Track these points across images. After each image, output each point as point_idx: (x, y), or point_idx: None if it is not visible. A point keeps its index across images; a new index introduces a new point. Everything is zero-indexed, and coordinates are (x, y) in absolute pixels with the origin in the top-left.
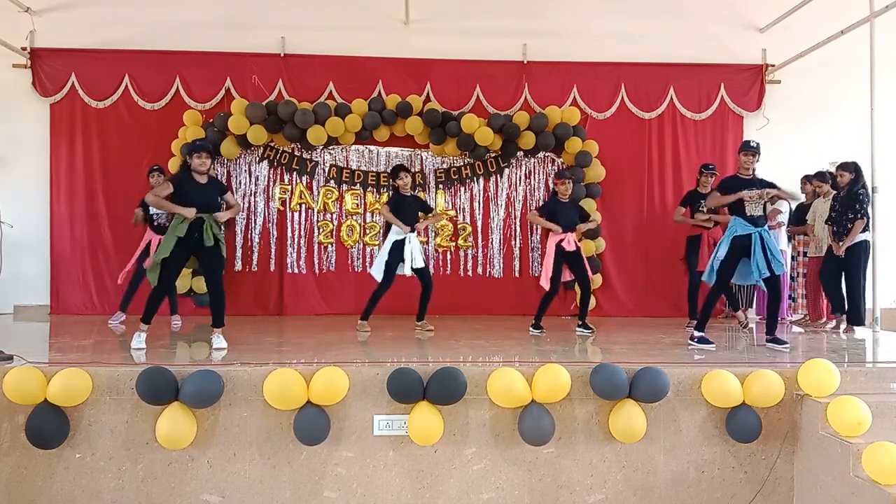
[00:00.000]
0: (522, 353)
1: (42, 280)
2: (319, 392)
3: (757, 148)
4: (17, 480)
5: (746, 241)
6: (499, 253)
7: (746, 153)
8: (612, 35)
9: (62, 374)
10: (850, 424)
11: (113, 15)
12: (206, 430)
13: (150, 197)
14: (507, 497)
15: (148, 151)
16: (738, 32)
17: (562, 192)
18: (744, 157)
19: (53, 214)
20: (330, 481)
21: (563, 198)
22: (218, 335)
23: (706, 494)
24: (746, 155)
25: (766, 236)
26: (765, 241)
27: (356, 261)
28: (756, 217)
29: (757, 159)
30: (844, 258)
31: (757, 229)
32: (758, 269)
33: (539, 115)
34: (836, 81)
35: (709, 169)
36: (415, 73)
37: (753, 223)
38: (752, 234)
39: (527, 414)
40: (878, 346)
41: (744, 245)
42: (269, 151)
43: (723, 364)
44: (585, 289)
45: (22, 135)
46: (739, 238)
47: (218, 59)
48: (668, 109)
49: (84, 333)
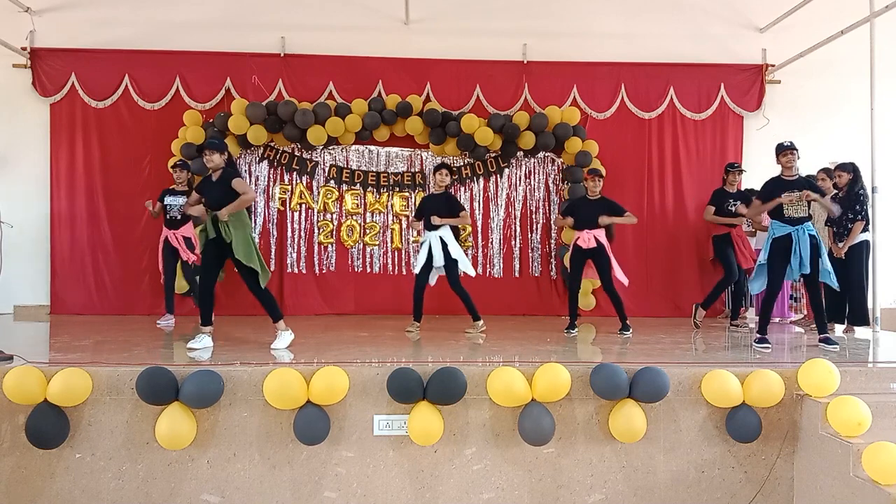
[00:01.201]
0: (522, 353)
1: (42, 280)
2: (319, 392)
3: (791, 146)
4: (17, 480)
5: (787, 241)
6: (499, 253)
7: (784, 153)
8: (612, 35)
9: (62, 374)
10: (850, 424)
11: (113, 15)
12: (206, 430)
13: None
14: (507, 497)
15: (148, 151)
16: (738, 32)
17: (590, 190)
18: (783, 159)
19: (53, 214)
20: (330, 481)
21: (592, 195)
22: (281, 333)
23: (706, 494)
24: (785, 155)
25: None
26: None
27: (356, 261)
28: (794, 219)
29: (797, 156)
30: (845, 259)
31: (794, 228)
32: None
33: (539, 115)
34: (836, 81)
35: (734, 167)
36: (415, 73)
37: (790, 223)
38: (791, 232)
39: (527, 414)
40: (878, 346)
41: (784, 246)
42: (269, 151)
43: (723, 364)
44: (607, 289)
45: (22, 135)
46: (779, 240)
47: (218, 59)
48: (668, 109)
49: (84, 333)
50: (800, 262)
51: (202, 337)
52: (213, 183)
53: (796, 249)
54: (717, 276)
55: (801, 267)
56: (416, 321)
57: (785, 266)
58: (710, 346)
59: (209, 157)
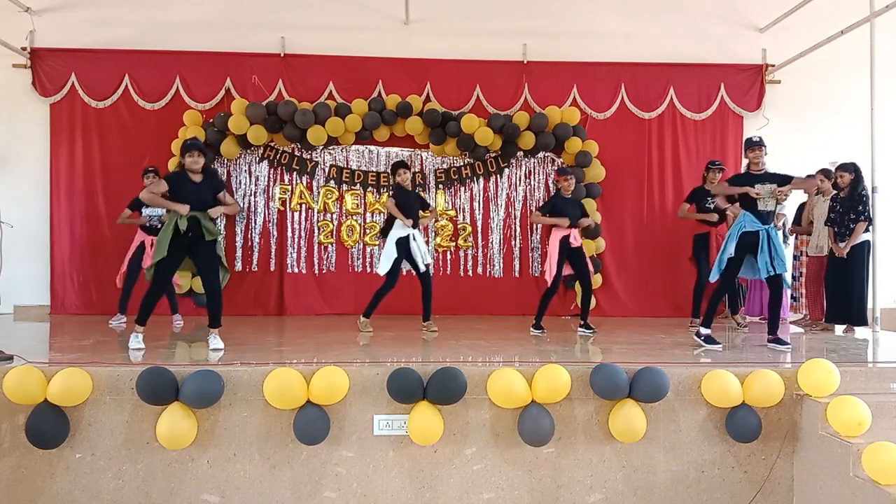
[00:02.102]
0: (522, 353)
1: (42, 280)
2: (319, 392)
3: (760, 142)
4: (17, 480)
5: (754, 237)
6: (499, 253)
7: (752, 149)
8: (612, 35)
9: (62, 374)
10: (850, 424)
11: (113, 15)
12: (206, 430)
13: (146, 193)
14: (507, 497)
15: (148, 151)
16: (738, 32)
17: (565, 189)
18: (751, 154)
19: (53, 214)
20: (330, 481)
21: (567, 194)
22: (214, 336)
23: (706, 494)
24: (753, 151)
25: (772, 234)
26: (771, 239)
27: (356, 261)
28: (766, 213)
29: (764, 152)
30: (847, 259)
31: (765, 227)
32: (766, 267)
33: (539, 115)
34: (836, 81)
35: (715, 165)
36: (415, 73)
37: (762, 220)
38: (760, 231)
39: (527, 414)
40: (878, 346)
41: (751, 242)
42: (269, 151)
43: (723, 364)
44: (586, 287)
45: (22, 135)
46: (747, 234)
47: (218, 59)
48: (668, 109)
49: (84, 333)
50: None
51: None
52: (196, 185)
53: (763, 247)
54: None
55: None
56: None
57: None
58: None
59: (196, 159)
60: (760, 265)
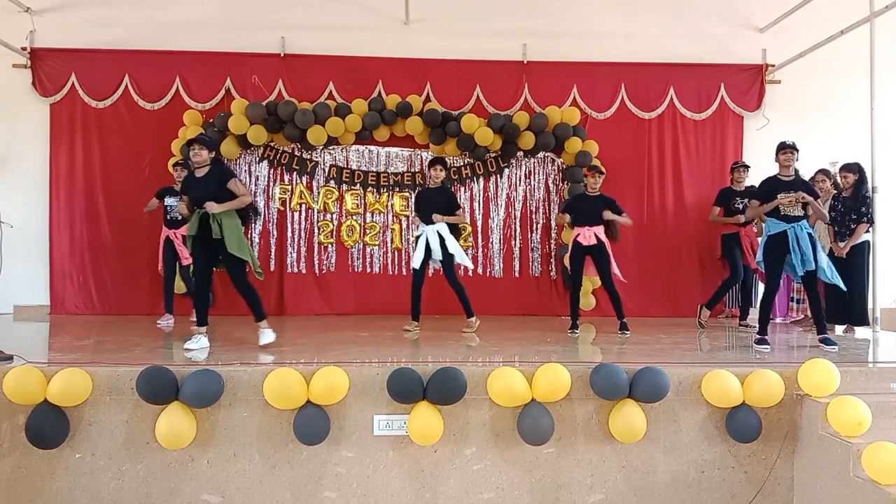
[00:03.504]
0: (522, 353)
1: (42, 280)
2: (319, 392)
3: (793, 145)
4: (17, 480)
5: (782, 237)
6: (499, 253)
7: (783, 151)
8: (612, 35)
9: (62, 374)
10: (850, 424)
11: (113, 15)
12: (206, 430)
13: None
14: (507, 497)
15: (148, 151)
16: (738, 32)
17: (590, 186)
18: (781, 157)
19: (53, 214)
20: (330, 481)
21: (592, 191)
22: (262, 330)
23: (706, 494)
24: (784, 153)
25: (799, 232)
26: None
27: (356, 261)
28: (790, 216)
29: (796, 157)
30: (847, 259)
31: (790, 225)
32: (798, 266)
33: (539, 115)
34: (836, 81)
35: (739, 164)
36: (415, 73)
37: (786, 220)
38: (787, 229)
39: (526, 414)
40: (878, 346)
41: (780, 242)
42: (269, 151)
43: (723, 364)
44: (607, 288)
45: (22, 135)
46: (774, 236)
47: (218, 59)
48: (668, 109)
49: (84, 333)
50: (801, 259)
51: (199, 338)
52: (198, 180)
53: (794, 247)
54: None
55: (805, 263)
56: (414, 321)
57: (781, 263)
58: (710, 345)
59: (197, 152)
60: (795, 262)
